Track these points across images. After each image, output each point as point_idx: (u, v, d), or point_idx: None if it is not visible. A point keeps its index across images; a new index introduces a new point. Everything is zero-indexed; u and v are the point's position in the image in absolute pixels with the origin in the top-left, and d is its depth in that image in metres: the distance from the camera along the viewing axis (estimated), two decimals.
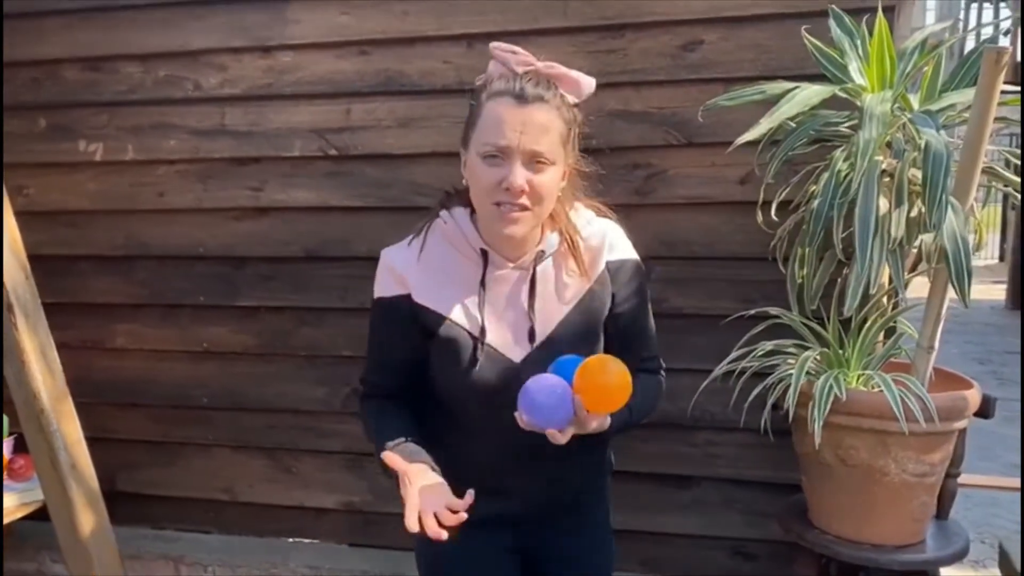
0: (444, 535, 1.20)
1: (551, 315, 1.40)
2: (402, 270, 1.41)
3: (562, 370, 1.29)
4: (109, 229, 2.52)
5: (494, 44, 1.37)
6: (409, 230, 1.50)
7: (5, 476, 2.26)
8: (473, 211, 1.41)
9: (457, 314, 1.38)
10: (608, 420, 1.34)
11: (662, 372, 1.58)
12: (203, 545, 2.56)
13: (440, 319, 1.38)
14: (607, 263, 1.44)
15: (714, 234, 2.13)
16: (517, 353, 1.39)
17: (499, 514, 1.44)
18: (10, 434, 2.41)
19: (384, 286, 1.43)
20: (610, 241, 1.46)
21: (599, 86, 2.11)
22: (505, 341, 1.39)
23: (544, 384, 1.26)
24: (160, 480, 2.59)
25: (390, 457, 1.33)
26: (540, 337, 1.39)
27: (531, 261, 1.39)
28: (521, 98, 1.29)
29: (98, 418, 2.47)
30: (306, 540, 2.55)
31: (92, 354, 2.57)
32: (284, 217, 2.39)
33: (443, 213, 1.44)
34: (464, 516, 1.24)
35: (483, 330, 1.37)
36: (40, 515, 2.19)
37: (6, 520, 2.14)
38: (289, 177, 2.37)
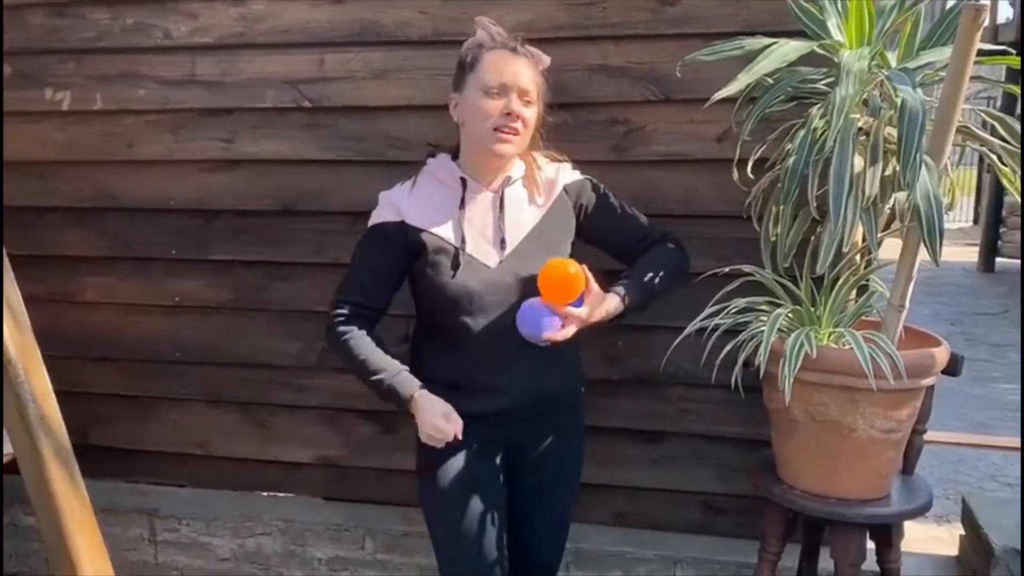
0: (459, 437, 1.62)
1: (519, 228, 1.72)
2: (397, 201, 1.72)
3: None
4: (77, 180, 2.48)
5: (480, 17, 1.73)
6: (384, 184, 1.80)
7: None
8: (454, 157, 1.76)
9: (441, 230, 1.69)
10: (613, 301, 1.70)
11: (671, 238, 1.86)
12: (177, 499, 2.57)
13: (428, 236, 1.68)
14: (564, 187, 1.79)
15: (691, 192, 2.12)
16: (492, 259, 1.69)
17: (487, 412, 1.69)
18: None
19: (381, 215, 1.73)
20: (563, 172, 1.81)
21: (578, 39, 2.12)
22: (481, 250, 1.69)
23: (523, 306, 1.62)
24: (133, 434, 2.58)
25: (401, 385, 1.66)
26: (510, 246, 1.70)
27: (500, 185, 1.73)
28: (515, 51, 1.68)
29: (69, 372, 2.44)
30: (281, 494, 2.56)
31: (61, 307, 2.53)
32: (256, 169, 2.36)
33: (430, 160, 1.78)
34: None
35: (463, 240, 1.68)
36: (12, 468, 2.18)
37: None
38: (261, 128, 2.33)
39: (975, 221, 13.48)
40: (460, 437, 1.63)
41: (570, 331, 1.62)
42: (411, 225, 1.69)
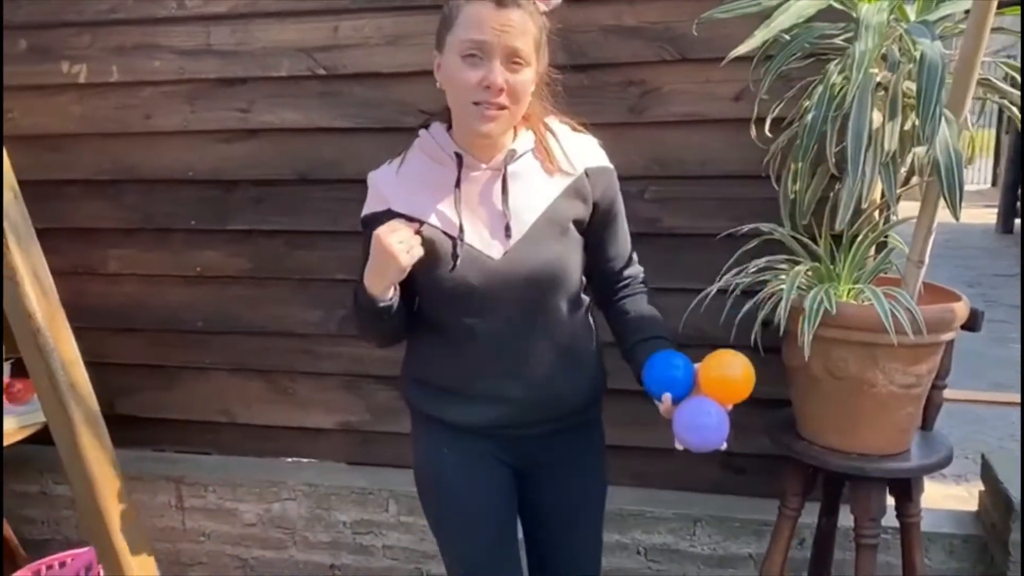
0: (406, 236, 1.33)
1: (527, 212, 1.44)
2: (382, 187, 1.48)
3: (665, 375, 1.42)
4: (96, 153, 2.49)
5: None
6: (400, 150, 1.57)
7: (4, 400, 2.28)
8: (449, 126, 1.48)
9: (434, 217, 1.43)
10: None
11: (644, 281, 1.66)
12: (203, 465, 2.61)
13: (418, 224, 1.41)
14: (587, 169, 1.49)
15: (707, 152, 2.12)
16: (496, 250, 1.43)
17: (495, 423, 1.49)
18: (7, 359, 2.44)
19: (368, 205, 1.50)
20: (590, 149, 1.52)
21: (591, 0, 2.09)
22: (483, 239, 1.43)
23: (705, 406, 1.38)
24: (158, 403, 2.62)
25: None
26: (516, 234, 1.43)
27: (503, 161, 1.44)
28: (500, 1, 1.32)
29: (93, 343, 2.47)
30: (304, 460, 2.60)
31: (84, 279, 2.57)
32: (273, 139, 2.37)
33: (422, 131, 1.51)
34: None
35: (461, 228, 1.42)
36: (41, 438, 2.22)
37: (7, 443, 2.17)
38: (277, 98, 2.34)
39: (993, 183, 13.34)
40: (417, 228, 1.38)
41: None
42: (398, 213, 1.43)
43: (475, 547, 1.55)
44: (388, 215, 1.43)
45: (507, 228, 1.42)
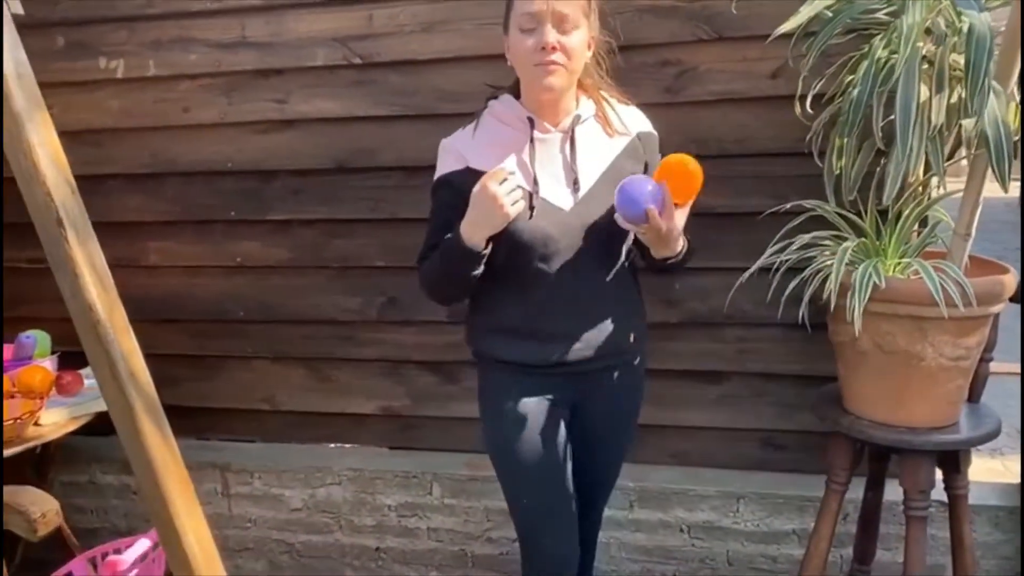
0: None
1: (592, 169, 1.63)
2: (459, 148, 1.65)
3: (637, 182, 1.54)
4: (135, 147, 2.52)
5: None
6: (435, 138, 1.72)
7: (54, 391, 2.32)
8: (518, 96, 1.65)
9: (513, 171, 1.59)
10: (681, 242, 1.61)
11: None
12: (248, 453, 2.65)
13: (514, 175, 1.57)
14: (638, 133, 1.70)
15: (745, 130, 2.12)
16: (566, 202, 1.61)
17: (559, 360, 1.65)
18: (53, 352, 2.48)
19: (443, 166, 1.67)
20: (639, 117, 1.73)
21: None
22: (555, 192, 1.61)
23: (634, 180, 1.52)
24: (202, 393, 2.66)
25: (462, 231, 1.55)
26: (584, 188, 1.62)
27: (570, 124, 1.63)
28: None
29: (137, 335, 2.50)
30: (347, 445, 2.63)
31: (126, 272, 2.59)
32: (310, 129, 2.39)
33: (491, 102, 1.69)
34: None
35: (535, 182, 1.60)
36: (90, 429, 2.27)
37: (58, 434, 2.21)
38: (313, 88, 2.35)
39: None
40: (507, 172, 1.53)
41: (664, 223, 1.49)
42: (477, 170, 1.59)
43: (541, 478, 1.70)
44: (467, 172, 1.60)
45: (575, 183, 1.61)
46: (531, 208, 1.58)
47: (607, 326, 1.67)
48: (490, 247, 1.57)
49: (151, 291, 2.60)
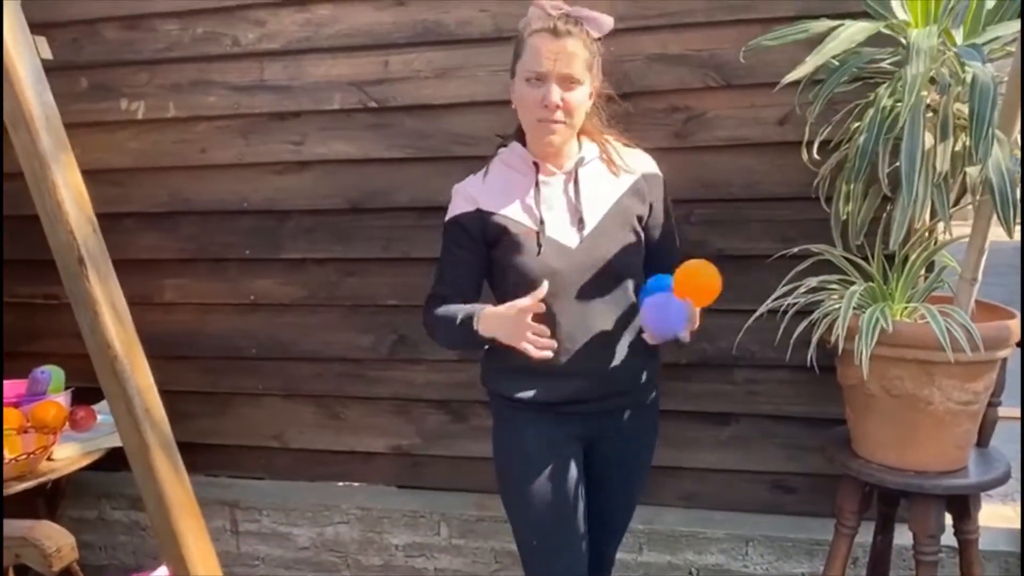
0: (550, 351, 1.54)
1: (596, 209, 1.68)
2: (472, 191, 1.71)
3: (653, 288, 1.64)
4: (153, 186, 2.57)
5: None
6: (449, 180, 1.78)
7: (67, 427, 2.34)
8: (523, 143, 1.71)
9: (519, 215, 1.67)
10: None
11: None
12: (257, 490, 2.65)
13: (505, 219, 1.66)
14: (643, 174, 1.74)
15: (753, 175, 2.15)
16: (572, 240, 1.66)
17: (568, 398, 1.68)
18: (66, 387, 2.50)
19: (456, 208, 1.72)
20: (643, 158, 1.78)
21: (637, 29, 2.16)
22: (561, 231, 1.66)
23: (655, 300, 1.59)
24: (212, 429, 2.68)
25: (470, 315, 1.62)
26: (589, 226, 1.67)
27: (573, 166, 1.69)
28: (555, 32, 1.59)
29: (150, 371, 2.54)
30: (356, 483, 2.63)
31: (141, 309, 2.58)
32: (325, 170, 2.43)
33: (501, 150, 1.76)
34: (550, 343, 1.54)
35: (542, 221, 1.65)
36: (101, 465, 2.28)
37: (70, 470, 2.23)
38: (329, 130, 2.41)
39: None
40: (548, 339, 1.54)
41: (688, 332, 1.61)
42: (487, 211, 1.67)
43: (553, 518, 1.71)
44: (478, 213, 1.68)
45: (581, 221, 1.66)
46: (539, 246, 1.64)
47: (619, 364, 1.69)
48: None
49: (165, 328, 2.63)
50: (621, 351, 1.70)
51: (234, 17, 2.40)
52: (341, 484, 2.64)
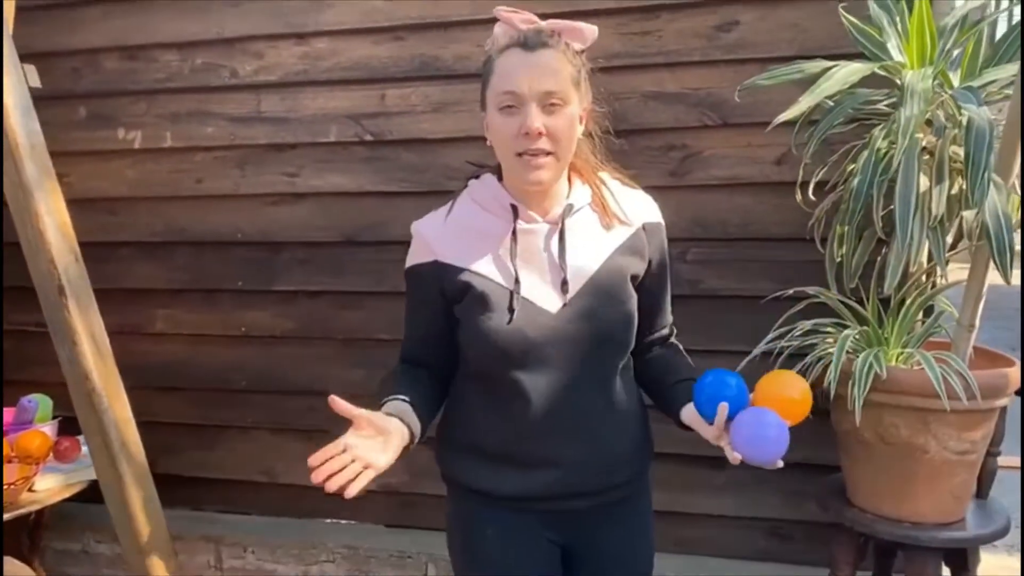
0: (329, 487, 1.25)
1: (584, 267, 1.37)
2: (429, 236, 1.40)
3: (715, 392, 1.29)
4: (148, 215, 2.57)
5: (498, 8, 1.35)
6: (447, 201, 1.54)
7: (51, 458, 2.31)
8: (501, 177, 1.41)
9: (489, 269, 1.36)
10: None
11: (677, 340, 1.56)
12: (243, 526, 2.61)
13: (470, 275, 1.36)
14: (645, 224, 1.44)
15: (749, 215, 2.13)
16: (552, 304, 1.35)
17: (542, 493, 1.39)
18: (53, 417, 2.47)
19: (412, 256, 1.43)
20: (646, 204, 1.47)
21: (633, 67, 2.14)
22: (539, 293, 1.36)
23: (768, 419, 1.25)
24: (200, 462, 2.64)
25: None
26: (573, 289, 1.36)
27: (560, 215, 1.38)
28: (526, 45, 1.30)
29: (139, 401, 2.47)
30: (344, 521, 2.59)
31: (133, 339, 2.61)
32: (320, 202, 2.42)
33: (472, 181, 1.45)
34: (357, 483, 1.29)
35: (517, 281, 1.35)
36: (85, 496, 2.24)
37: (52, 501, 2.19)
38: (325, 163, 2.40)
39: None
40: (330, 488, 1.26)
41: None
42: (446, 264, 1.37)
43: None
44: (434, 266, 1.38)
45: (564, 283, 1.36)
46: (511, 311, 1.34)
47: (599, 453, 1.40)
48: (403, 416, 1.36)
49: (155, 358, 2.61)
50: (603, 438, 1.40)
51: (233, 49, 2.41)
52: (328, 521, 2.59)
